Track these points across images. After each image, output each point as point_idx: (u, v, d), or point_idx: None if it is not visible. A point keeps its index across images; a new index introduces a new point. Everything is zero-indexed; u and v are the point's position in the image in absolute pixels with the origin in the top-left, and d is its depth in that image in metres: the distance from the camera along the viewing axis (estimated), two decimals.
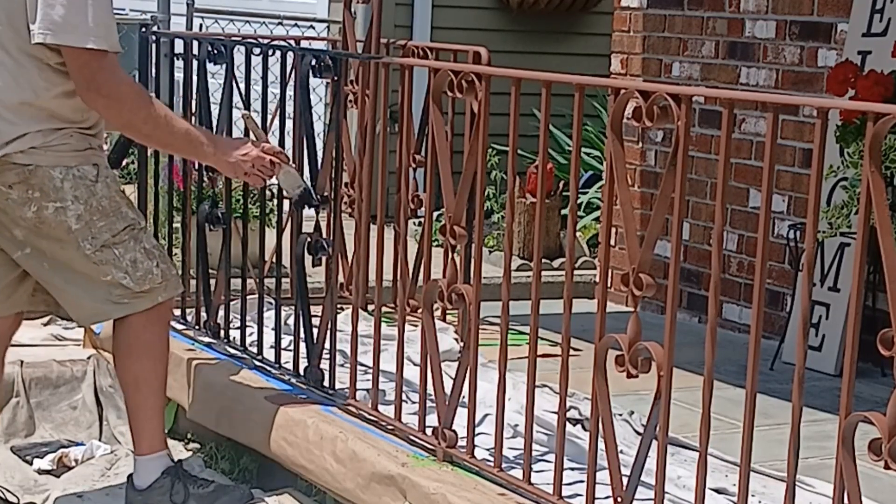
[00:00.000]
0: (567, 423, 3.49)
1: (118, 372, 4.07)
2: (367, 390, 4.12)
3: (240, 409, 4.42)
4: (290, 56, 4.53)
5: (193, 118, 4.93)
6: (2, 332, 4.12)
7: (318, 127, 5.45)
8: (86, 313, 3.99)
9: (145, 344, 3.97)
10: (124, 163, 5.91)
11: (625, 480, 3.21)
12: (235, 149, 4.09)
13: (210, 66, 4.83)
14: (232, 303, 4.90)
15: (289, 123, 4.44)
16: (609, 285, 5.04)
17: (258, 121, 4.72)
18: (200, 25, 8.32)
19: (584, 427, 4.00)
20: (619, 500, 3.21)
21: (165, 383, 4.10)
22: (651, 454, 3.14)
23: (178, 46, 5.10)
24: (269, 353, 4.63)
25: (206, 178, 4.91)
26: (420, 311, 3.85)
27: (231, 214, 4.84)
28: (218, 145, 4.08)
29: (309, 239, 4.29)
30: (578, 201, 5.92)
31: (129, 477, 4.12)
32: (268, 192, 5.12)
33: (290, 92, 4.49)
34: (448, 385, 3.74)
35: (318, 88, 6.79)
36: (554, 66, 8.04)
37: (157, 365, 4.03)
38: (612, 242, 6.17)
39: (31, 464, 4.57)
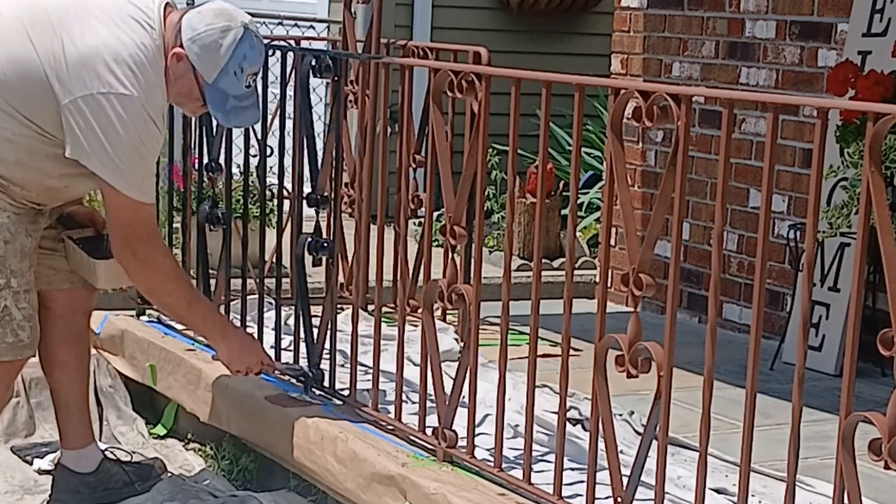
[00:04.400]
0: (567, 423, 3.49)
1: None
2: (367, 390, 4.12)
3: (240, 409, 4.42)
4: (290, 56, 4.53)
5: (193, 118, 4.93)
6: (70, 305, 4.15)
7: (318, 127, 5.44)
8: None
9: None
10: None
11: (625, 480, 3.21)
12: (241, 351, 4.13)
13: None
14: (232, 303, 4.90)
15: (289, 123, 4.44)
16: (609, 285, 5.04)
17: (258, 124, 4.72)
18: None
19: (584, 427, 4.00)
20: (619, 500, 3.21)
21: None
22: (651, 454, 3.14)
23: None
24: (269, 353, 4.62)
25: (206, 179, 4.92)
26: (420, 311, 3.86)
27: (231, 214, 4.84)
28: (227, 340, 4.11)
29: (309, 239, 4.29)
30: (578, 201, 5.92)
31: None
32: (268, 192, 5.12)
33: (290, 92, 4.49)
34: (448, 385, 3.74)
35: (318, 88, 6.78)
36: (554, 66, 8.04)
37: None
38: (612, 242, 6.17)
39: (31, 464, 4.57)
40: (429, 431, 3.84)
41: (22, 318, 3.85)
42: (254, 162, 4.71)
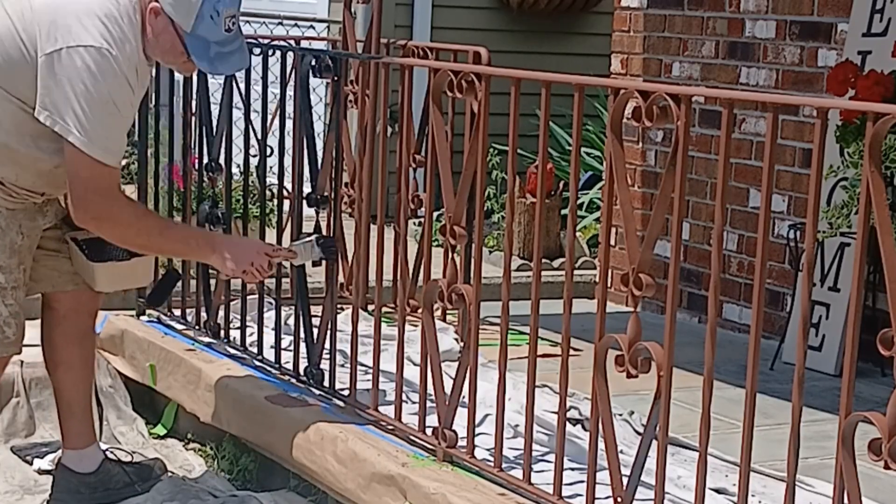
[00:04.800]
0: (567, 423, 3.49)
1: None
2: (367, 390, 4.12)
3: (240, 409, 4.42)
4: (290, 56, 4.53)
5: (193, 118, 4.94)
6: (75, 307, 4.14)
7: (318, 127, 5.44)
8: None
9: None
10: (124, 162, 5.90)
11: (625, 480, 3.21)
12: (238, 253, 3.96)
13: None
14: (232, 303, 4.90)
15: (289, 123, 4.44)
16: (609, 285, 5.04)
17: (258, 124, 4.73)
18: None
19: (584, 427, 4.00)
20: (619, 500, 3.21)
21: None
22: (651, 454, 3.14)
23: None
24: (269, 353, 4.63)
25: (206, 178, 4.92)
26: (420, 311, 3.86)
27: (231, 214, 4.84)
28: (218, 250, 3.95)
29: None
30: (578, 201, 5.92)
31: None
32: (268, 192, 5.12)
33: (290, 92, 4.49)
34: (448, 385, 3.74)
35: (318, 88, 6.79)
36: (554, 66, 8.04)
37: None
38: (612, 242, 6.17)
39: (31, 464, 4.57)
40: (429, 431, 3.84)
41: (8, 314, 3.84)
42: (254, 162, 4.71)
